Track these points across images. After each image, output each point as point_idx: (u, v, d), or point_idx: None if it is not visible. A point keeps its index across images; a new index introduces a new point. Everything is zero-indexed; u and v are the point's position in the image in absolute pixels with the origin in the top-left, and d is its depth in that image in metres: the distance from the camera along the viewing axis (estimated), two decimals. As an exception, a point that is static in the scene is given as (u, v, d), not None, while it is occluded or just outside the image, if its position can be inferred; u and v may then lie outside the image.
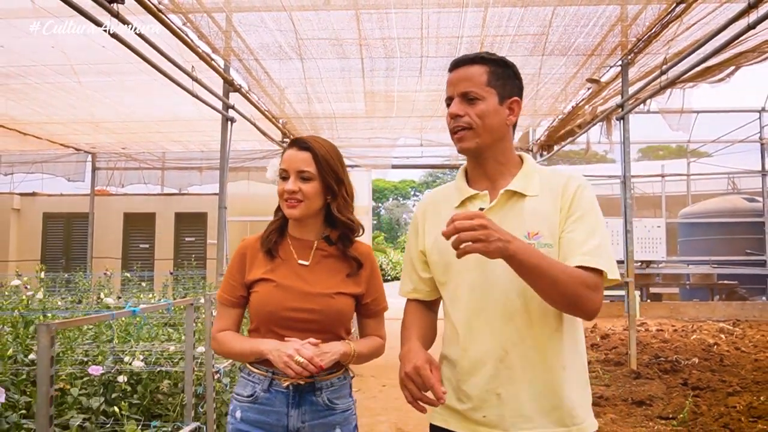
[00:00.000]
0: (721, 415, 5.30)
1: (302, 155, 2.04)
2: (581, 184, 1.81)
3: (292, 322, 2.01)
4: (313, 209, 2.06)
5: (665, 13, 6.11)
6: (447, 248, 1.74)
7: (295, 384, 1.98)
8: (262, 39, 7.08)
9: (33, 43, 7.16)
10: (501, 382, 1.73)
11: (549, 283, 1.63)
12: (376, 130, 11.68)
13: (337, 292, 2.05)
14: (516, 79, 1.87)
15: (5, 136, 11.69)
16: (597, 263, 1.67)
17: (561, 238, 1.73)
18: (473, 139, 1.81)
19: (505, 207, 1.80)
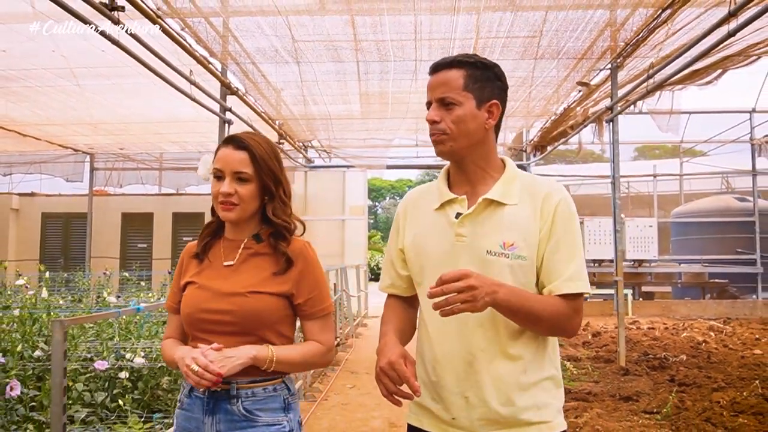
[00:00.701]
0: (704, 409, 5.46)
1: (239, 155, 1.94)
2: (563, 198, 1.80)
3: (208, 324, 1.91)
4: (250, 212, 1.97)
5: (652, 18, 6.27)
6: (424, 249, 1.85)
7: (211, 390, 1.87)
8: (259, 43, 7.23)
9: (34, 47, 7.30)
10: (469, 385, 1.75)
11: (532, 320, 1.70)
12: (372, 132, 11.85)
13: (253, 290, 1.91)
14: (497, 80, 1.83)
15: (4, 137, 11.83)
16: (578, 288, 1.72)
17: (544, 259, 1.75)
18: (448, 143, 1.79)
19: (483, 215, 1.79)
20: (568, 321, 1.73)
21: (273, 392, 1.91)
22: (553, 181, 1.87)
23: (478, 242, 1.76)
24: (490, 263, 1.73)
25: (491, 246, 1.74)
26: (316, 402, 6.07)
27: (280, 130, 11.11)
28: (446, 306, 1.55)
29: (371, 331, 11.81)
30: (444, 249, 1.81)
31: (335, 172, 14.56)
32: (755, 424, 4.99)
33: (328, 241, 14.01)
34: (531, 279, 1.76)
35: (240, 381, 1.86)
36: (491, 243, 1.73)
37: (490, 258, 1.73)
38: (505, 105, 1.86)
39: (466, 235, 1.78)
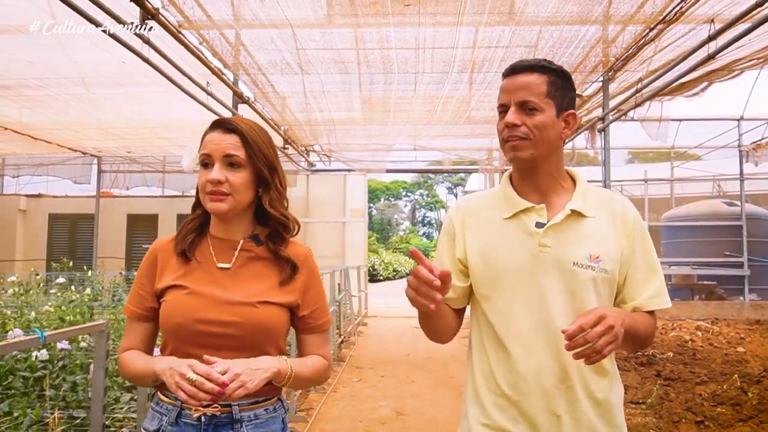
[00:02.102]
0: (687, 401, 5.90)
1: (229, 138, 1.72)
2: (637, 215, 1.82)
3: (205, 337, 1.66)
4: (243, 203, 1.75)
5: (640, 36, 6.70)
6: (495, 260, 1.78)
7: (209, 415, 1.63)
8: (269, 55, 7.63)
9: (55, 57, 7.67)
10: (561, 403, 1.70)
11: (637, 341, 1.73)
12: (373, 137, 12.25)
13: (263, 300, 1.70)
14: (572, 91, 1.82)
15: (16, 141, 12.18)
16: (663, 303, 1.76)
17: (627, 276, 1.76)
18: (529, 150, 1.73)
19: (566, 225, 1.75)
20: (652, 335, 1.79)
21: (273, 412, 1.74)
22: (624, 197, 1.86)
23: (565, 253, 1.72)
24: (575, 275, 1.71)
25: (578, 258, 1.72)
26: (326, 394, 6.48)
27: (285, 135, 11.51)
28: (592, 352, 1.49)
29: (372, 329, 12.23)
30: (523, 260, 1.75)
31: (336, 175, 14.96)
32: (732, 413, 5.43)
33: (329, 243, 14.42)
34: (609, 292, 1.75)
35: (242, 403, 1.66)
36: (578, 254, 1.72)
37: (577, 270, 1.71)
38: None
39: (550, 245, 1.73)
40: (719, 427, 5.11)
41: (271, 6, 6.19)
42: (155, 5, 5.60)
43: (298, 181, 14.27)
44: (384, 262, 34.52)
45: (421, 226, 61.36)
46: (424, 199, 62.62)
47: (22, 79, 8.43)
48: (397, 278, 34.26)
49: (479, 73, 8.07)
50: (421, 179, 60.97)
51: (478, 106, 9.62)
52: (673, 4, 5.82)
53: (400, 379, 7.38)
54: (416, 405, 6.17)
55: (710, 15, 5.92)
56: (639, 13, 6.21)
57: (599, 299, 1.72)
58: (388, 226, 57.46)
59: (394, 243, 48.36)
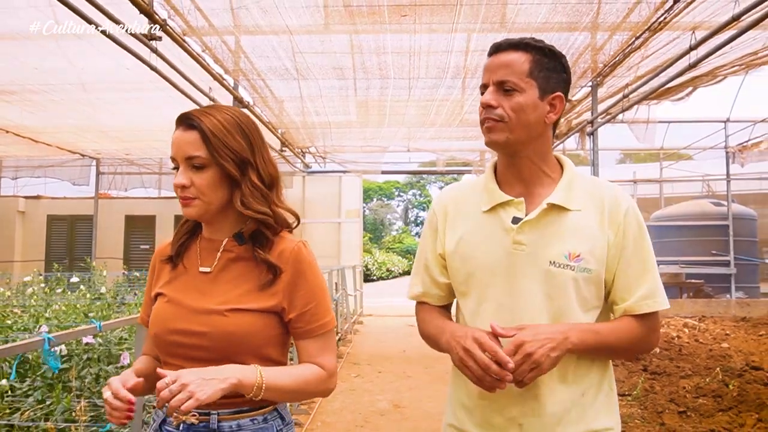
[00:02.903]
0: (671, 393, 6.18)
1: (188, 136, 1.57)
2: (631, 206, 1.65)
3: (177, 348, 1.57)
4: (216, 204, 1.61)
5: (627, 44, 6.98)
6: (472, 257, 1.67)
7: (188, 423, 1.53)
8: (268, 61, 7.87)
9: (63, 64, 7.88)
10: (524, 412, 1.59)
11: (609, 353, 1.64)
12: (368, 139, 12.52)
13: (233, 308, 1.56)
14: (563, 73, 1.66)
15: (17, 143, 12.38)
16: (655, 305, 1.60)
17: (615, 275, 1.61)
18: (503, 133, 1.60)
19: (544, 221, 1.62)
20: (645, 341, 1.63)
21: (263, 423, 1.58)
22: (616, 186, 1.71)
23: (540, 252, 1.60)
24: (553, 275, 1.58)
25: (555, 256, 1.58)
26: (325, 388, 6.74)
27: (282, 138, 11.77)
28: (517, 382, 1.47)
29: (367, 328, 12.50)
30: (498, 257, 1.64)
31: (332, 176, 15.25)
32: (713, 404, 5.72)
33: (325, 243, 14.70)
34: (595, 293, 1.62)
35: (222, 411, 1.54)
36: (555, 253, 1.59)
37: (554, 270, 1.58)
38: (567, 100, 1.69)
39: (525, 243, 1.61)
40: (700, 417, 5.40)
41: (271, 14, 6.43)
42: (162, 16, 5.85)
43: (295, 182, 14.53)
44: (377, 261, 34.65)
45: (413, 226, 61.55)
46: (417, 199, 62.86)
47: (28, 84, 8.66)
48: (391, 278, 34.53)
49: (472, 78, 8.34)
50: (413, 179, 61.21)
51: (470, 109, 9.88)
52: (657, 14, 6.10)
53: (396, 375, 7.65)
54: (413, 398, 6.44)
55: (694, 23, 6.20)
56: (625, 21, 6.49)
57: (583, 302, 1.60)
58: (381, 226, 57.60)
59: (386, 243, 48.56)
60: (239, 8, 6.21)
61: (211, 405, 1.46)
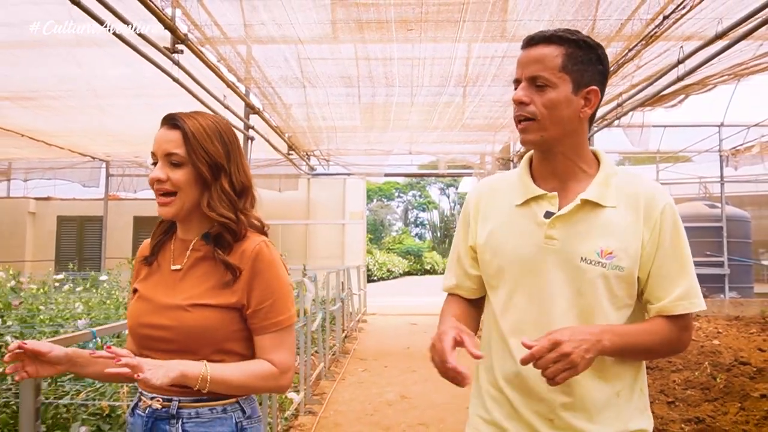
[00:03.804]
0: (661, 385, 6.56)
1: (171, 134, 1.70)
2: (669, 203, 1.60)
3: (147, 340, 1.70)
4: (189, 204, 1.71)
5: (620, 56, 7.35)
6: (502, 250, 1.67)
7: (153, 407, 1.65)
8: (279, 70, 8.25)
9: (80, 72, 8.24)
10: (554, 407, 1.58)
11: (642, 355, 1.63)
12: (372, 143, 12.90)
13: (195, 303, 1.66)
14: (599, 65, 1.62)
15: (31, 146, 12.75)
16: (691, 307, 1.57)
17: (650, 275, 1.58)
18: (537, 132, 1.59)
19: (577, 216, 1.60)
20: (678, 342, 1.62)
21: (222, 413, 1.66)
22: (655, 182, 1.69)
23: (572, 247, 1.59)
24: (583, 272, 1.57)
25: (586, 253, 1.57)
26: (335, 381, 7.13)
27: (289, 142, 12.14)
28: (549, 380, 1.44)
29: (371, 326, 12.89)
30: (528, 252, 1.63)
31: (336, 179, 15.63)
32: (700, 395, 6.09)
33: (330, 244, 15.10)
34: (627, 292, 1.60)
35: (183, 399, 1.63)
36: (587, 249, 1.57)
37: (584, 266, 1.57)
38: (602, 94, 1.66)
39: (557, 238, 1.60)
40: (687, 406, 5.77)
41: (285, 27, 6.79)
42: (182, 29, 6.22)
43: (300, 184, 14.91)
44: (378, 262, 34.91)
45: (413, 226, 61.87)
46: (417, 200, 63.10)
47: (47, 91, 9.02)
48: (391, 278, 34.90)
49: (473, 86, 8.71)
50: (413, 180, 61.52)
51: (472, 114, 10.26)
52: (649, 29, 6.47)
53: (402, 369, 8.03)
54: (419, 390, 6.82)
55: (684, 35, 6.55)
56: (619, 34, 6.85)
57: (614, 299, 1.58)
58: (381, 227, 57.76)
59: (387, 244, 48.85)
60: (256, 24, 6.57)
61: (173, 392, 1.62)
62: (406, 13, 6.28)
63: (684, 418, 5.33)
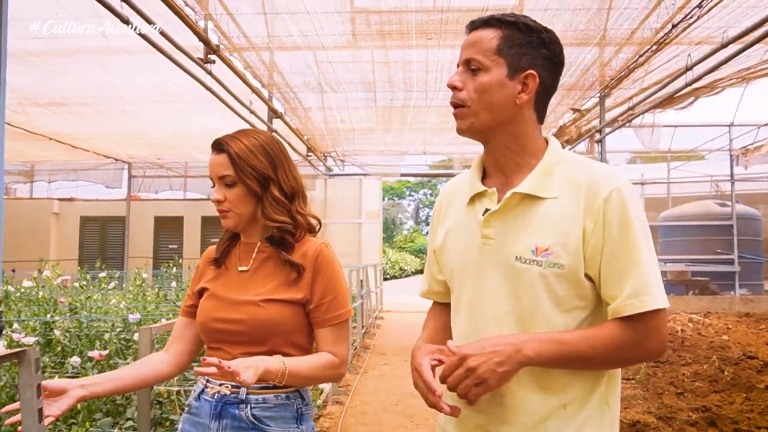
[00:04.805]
0: (671, 378, 6.85)
1: (219, 159, 1.85)
2: (616, 189, 1.40)
3: (219, 334, 1.84)
4: (247, 216, 1.87)
5: (631, 61, 7.64)
6: (452, 252, 1.59)
7: (221, 394, 1.79)
8: (302, 76, 8.59)
9: (111, 78, 8.59)
10: (490, 420, 1.47)
11: (585, 364, 1.42)
12: (389, 144, 13.24)
13: (267, 299, 1.81)
14: (543, 48, 1.47)
15: (56, 149, 13.15)
16: (642, 305, 1.36)
17: (601, 273, 1.40)
18: (468, 119, 1.48)
19: (513, 212, 1.47)
20: (638, 348, 1.39)
21: (285, 400, 1.81)
22: (606, 167, 1.50)
23: (507, 246, 1.45)
24: (519, 272, 1.43)
25: (521, 251, 1.43)
26: (359, 374, 7.47)
27: (308, 144, 12.49)
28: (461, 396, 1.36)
29: (388, 323, 13.25)
30: (470, 253, 1.53)
31: (353, 179, 15.98)
32: (708, 386, 6.38)
33: (346, 243, 15.45)
34: (573, 292, 1.42)
35: (251, 386, 1.74)
36: (521, 247, 1.43)
37: (520, 266, 1.43)
38: (552, 80, 1.51)
39: (493, 237, 1.48)
40: (695, 396, 6.06)
41: (310, 37, 7.12)
42: (214, 41, 6.57)
43: (317, 185, 15.27)
44: (390, 261, 35.21)
45: (424, 225, 61.99)
46: (428, 198, 63.24)
47: (79, 98, 9.39)
48: (404, 277, 35.26)
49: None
50: (425, 179, 61.70)
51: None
52: (658, 35, 6.75)
53: (421, 363, 8.33)
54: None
55: (693, 40, 6.82)
56: (629, 41, 7.14)
57: (557, 301, 1.42)
58: (393, 226, 57.94)
59: (398, 242, 49.13)
60: (283, 35, 6.90)
61: None
62: (426, 25, 6.59)
63: (691, 407, 5.62)
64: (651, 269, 1.39)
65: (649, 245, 1.41)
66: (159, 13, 5.53)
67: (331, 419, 5.63)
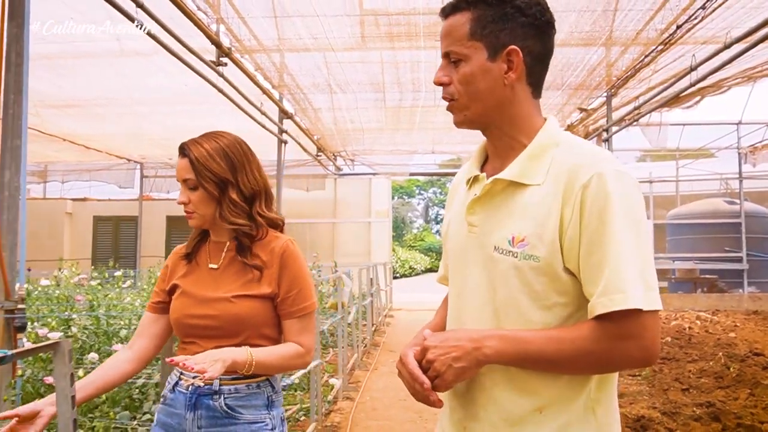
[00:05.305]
0: (677, 374, 6.94)
1: (182, 162, 1.95)
2: (597, 174, 1.27)
3: (193, 329, 1.92)
4: (210, 217, 1.96)
5: (637, 61, 7.72)
6: (451, 241, 1.53)
7: (195, 385, 1.84)
8: (312, 77, 8.71)
9: (126, 82, 8.74)
10: (466, 416, 1.42)
11: (550, 367, 1.30)
12: (398, 144, 13.35)
13: (238, 294, 1.91)
14: (520, 16, 1.35)
15: (70, 150, 13.33)
16: (612, 304, 1.22)
17: (580, 267, 1.28)
18: (460, 113, 1.41)
19: (497, 199, 1.39)
20: (610, 353, 1.25)
21: (256, 389, 1.91)
22: (599, 151, 1.36)
23: (487, 235, 1.39)
24: (496, 263, 1.35)
25: (498, 241, 1.35)
26: (369, 371, 7.59)
27: (318, 144, 12.62)
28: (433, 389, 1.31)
29: (397, 321, 13.38)
30: (458, 241, 1.49)
31: (362, 178, 16.09)
32: (713, 382, 6.47)
33: (356, 242, 15.59)
34: (551, 287, 1.31)
35: (223, 377, 1.84)
36: (499, 237, 1.35)
37: (496, 256, 1.35)
38: (541, 45, 1.39)
39: (476, 224, 1.42)
40: (701, 393, 6.15)
41: (320, 40, 7.24)
42: (226, 44, 6.70)
43: (327, 184, 15.40)
44: (400, 259, 35.35)
45: (434, 224, 62.10)
46: (438, 197, 63.30)
47: (93, 99, 9.55)
48: (414, 275, 35.38)
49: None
50: (434, 177, 61.76)
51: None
52: (663, 36, 6.83)
53: (429, 360, 8.44)
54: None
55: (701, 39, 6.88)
56: (635, 41, 7.21)
57: (534, 296, 1.32)
58: (402, 224, 57.99)
59: (408, 241, 49.22)
60: (293, 38, 7.02)
61: None
62: (435, 26, 6.69)
63: (696, 403, 5.71)
64: (630, 264, 1.23)
65: (636, 238, 1.25)
66: (172, 17, 5.66)
67: (342, 414, 5.75)
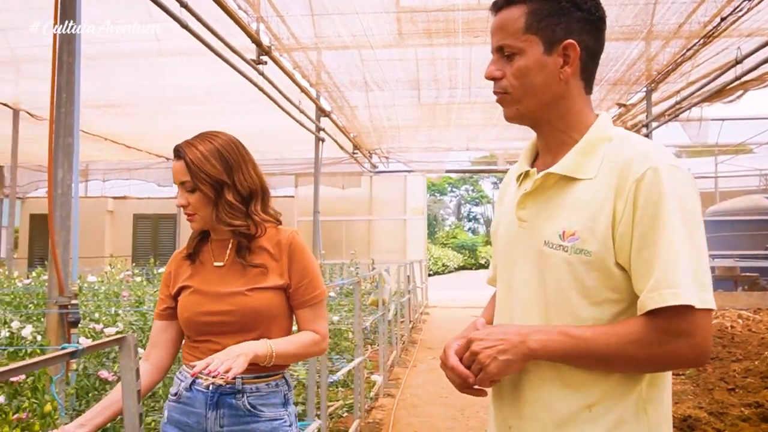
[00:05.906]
0: (722, 374, 6.83)
1: (178, 165, 1.91)
2: (652, 168, 1.24)
3: (207, 326, 1.91)
4: (208, 218, 1.94)
5: (679, 55, 7.62)
6: (500, 237, 1.51)
7: (216, 385, 1.83)
8: (351, 75, 8.75)
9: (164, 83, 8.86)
10: (511, 414, 1.39)
11: (600, 363, 1.27)
12: (434, 141, 13.35)
13: (252, 287, 1.91)
14: (576, 11, 1.34)
15: (111, 149, 13.58)
16: (662, 299, 1.19)
17: (631, 262, 1.25)
18: (512, 107, 1.39)
19: (547, 194, 1.37)
20: (659, 350, 1.22)
21: (275, 387, 1.93)
22: (654, 145, 1.33)
23: (537, 230, 1.36)
24: (546, 258, 1.33)
25: (549, 235, 1.33)
26: (408, 368, 7.61)
27: (354, 141, 12.67)
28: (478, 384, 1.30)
29: (433, 318, 13.37)
30: (508, 237, 1.46)
31: (397, 176, 16.13)
32: (760, 382, 6.36)
33: (392, 239, 15.62)
34: (603, 283, 1.28)
35: (245, 376, 1.84)
36: (550, 231, 1.33)
37: (547, 251, 1.33)
38: (595, 41, 1.36)
39: (526, 219, 1.40)
40: (747, 393, 6.05)
41: (359, 38, 7.27)
42: (266, 43, 6.76)
43: (363, 182, 15.45)
44: (433, 257, 35.11)
45: (466, 221, 61.84)
46: (470, 194, 62.95)
47: (133, 99, 9.72)
48: (447, 273, 35.27)
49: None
50: (466, 175, 61.46)
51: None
52: (707, 29, 6.72)
53: (468, 358, 8.43)
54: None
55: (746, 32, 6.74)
56: (677, 35, 7.11)
57: (584, 292, 1.29)
58: (434, 222, 57.74)
59: (441, 238, 49.05)
60: (332, 35, 7.05)
61: None
62: (473, 22, 6.68)
63: (743, 403, 5.63)
64: (684, 260, 1.19)
65: (690, 235, 1.21)
66: (215, 17, 5.74)
67: (384, 411, 5.77)
